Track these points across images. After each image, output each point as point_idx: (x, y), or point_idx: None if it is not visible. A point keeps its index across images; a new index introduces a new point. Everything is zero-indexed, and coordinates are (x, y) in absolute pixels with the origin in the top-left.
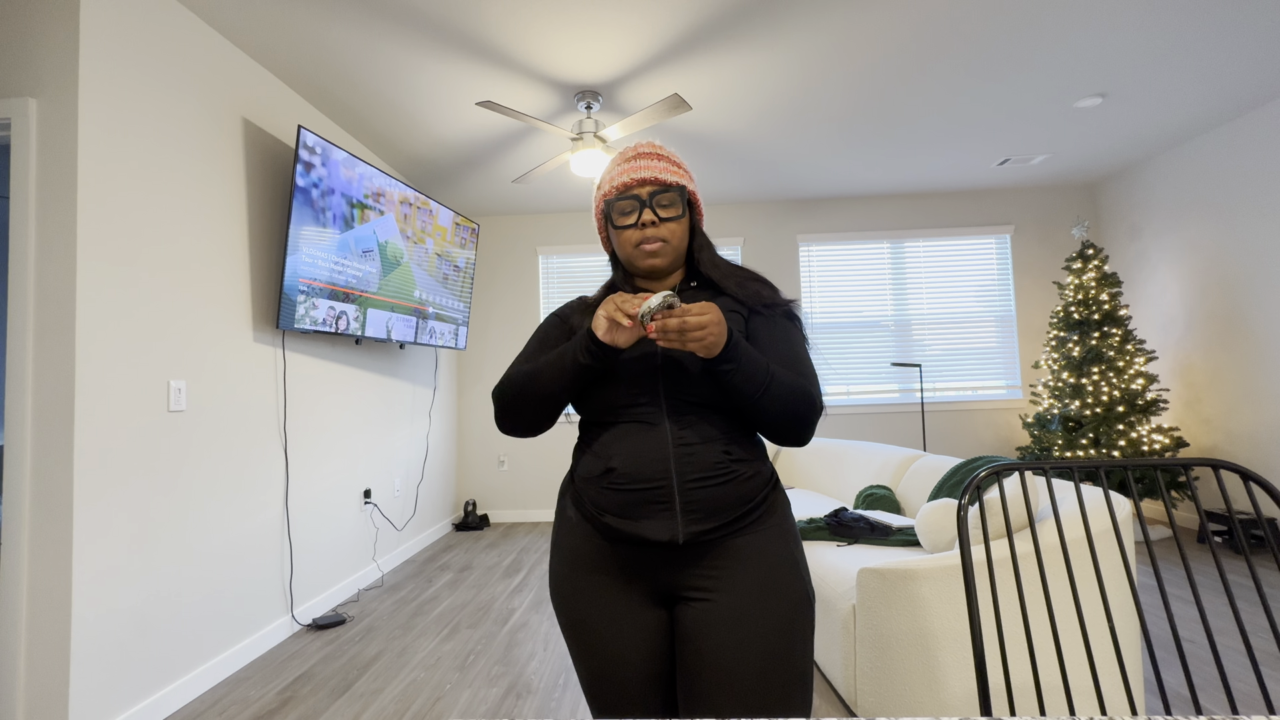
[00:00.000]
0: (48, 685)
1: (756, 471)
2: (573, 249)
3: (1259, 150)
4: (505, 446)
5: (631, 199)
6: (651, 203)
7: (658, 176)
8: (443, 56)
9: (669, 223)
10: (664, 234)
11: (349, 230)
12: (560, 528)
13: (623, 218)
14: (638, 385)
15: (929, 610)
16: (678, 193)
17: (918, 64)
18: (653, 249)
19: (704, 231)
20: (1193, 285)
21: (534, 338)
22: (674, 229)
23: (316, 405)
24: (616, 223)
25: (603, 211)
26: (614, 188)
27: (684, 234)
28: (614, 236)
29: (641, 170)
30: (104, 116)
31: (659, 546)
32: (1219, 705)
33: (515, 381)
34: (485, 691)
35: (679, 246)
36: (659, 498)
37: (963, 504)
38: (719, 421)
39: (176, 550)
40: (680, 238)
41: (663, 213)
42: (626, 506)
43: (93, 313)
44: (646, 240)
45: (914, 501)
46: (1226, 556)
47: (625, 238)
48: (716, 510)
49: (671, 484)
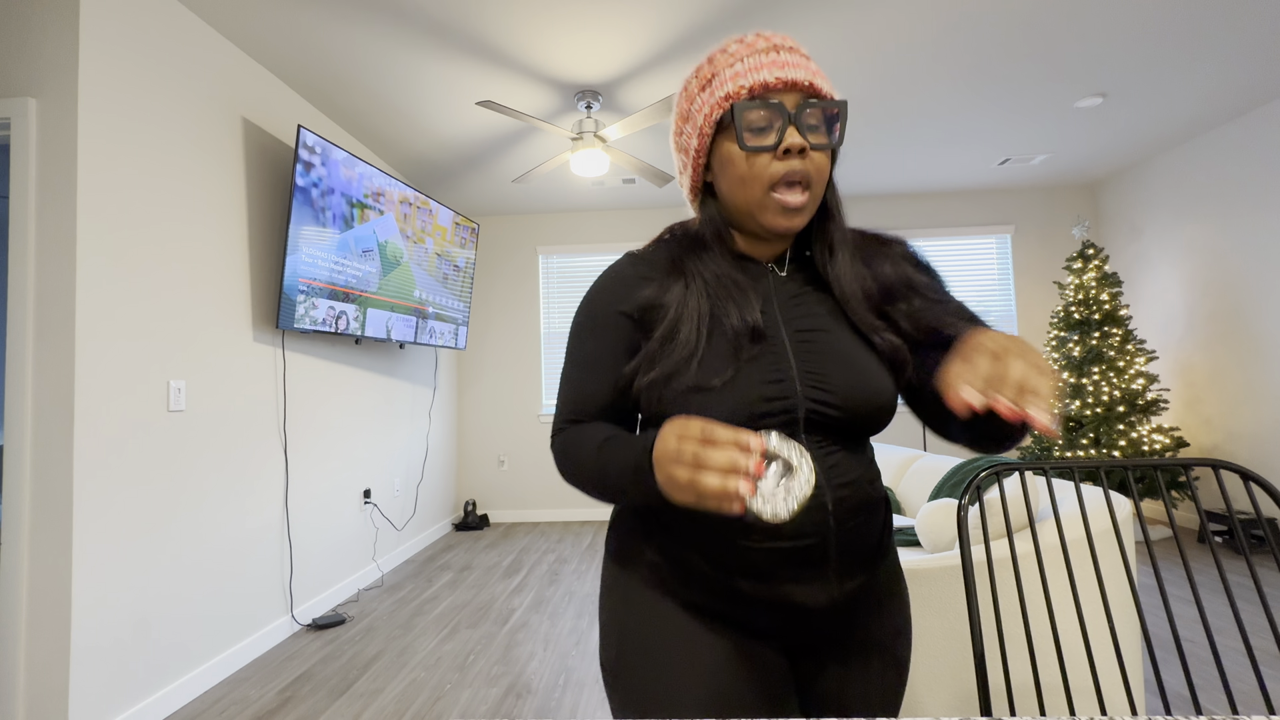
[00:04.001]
0: (48, 685)
1: (885, 493)
2: (573, 249)
3: (1259, 150)
4: (505, 446)
5: (773, 109)
6: (800, 119)
7: (814, 82)
8: (443, 56)
9: (819, 154)
10: (811, 171)
11: (349, 230)
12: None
13: (755, 135)
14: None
15: (929, 610)
16: (835, 112)
17: (918, 64)
18: (797, 203)
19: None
20: (1193, 285)
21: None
22: (823, 166)
23: (316, 405)
24: (747, 140)
25: (715, 120)
26: (747, 87)
27: (827, 177)
28: (728, 166)
29: (790, 68)
30: (104, 116)
31: (805, 611)
32: (1219, 705)
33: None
34: (485, 691)
35: (819, 197)
36: (812, 555)
37: (963, 504)
38: (863, 441)
39: (176, 550)
40: (824, 183)
41: (814, 137)
42: (766, 566)
43: (92, 312)
44: (790, 178)
45: (914, 501)
46: (1226, 556)
47: (756, 170)
48: (868, 555)
49: (830, 537)
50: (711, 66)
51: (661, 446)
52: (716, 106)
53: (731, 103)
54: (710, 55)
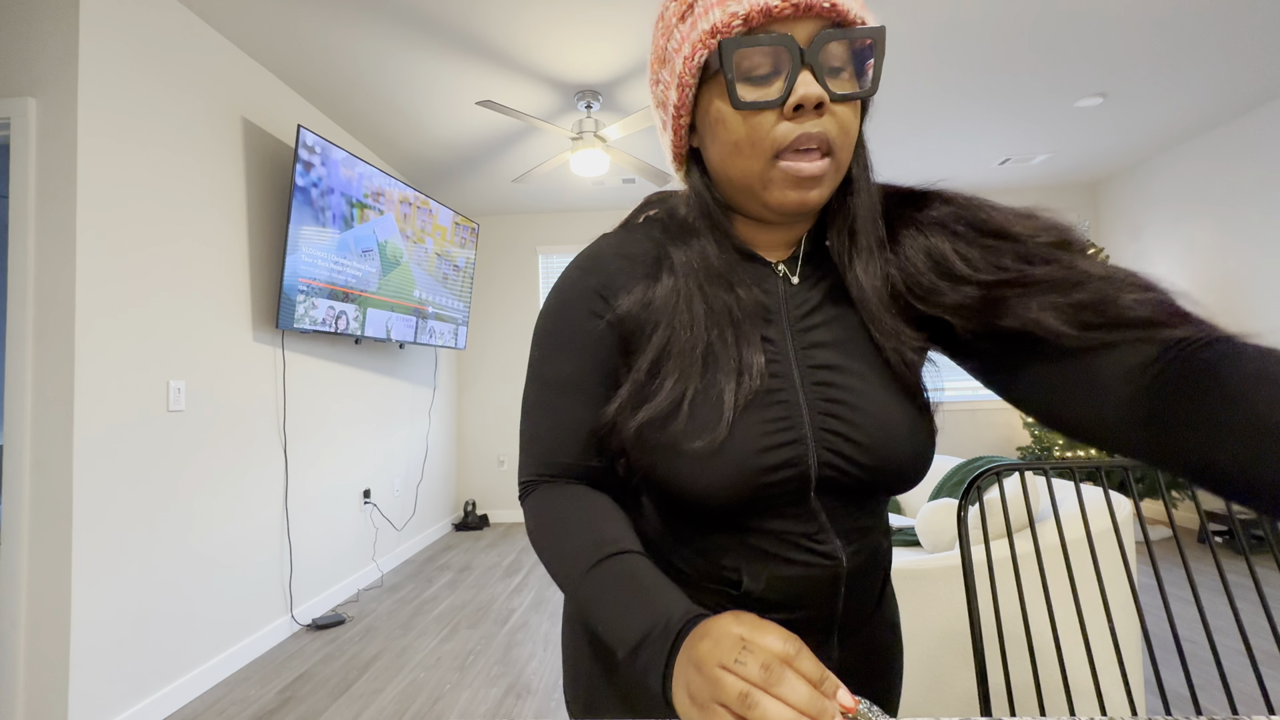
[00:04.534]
0: (48, 685)
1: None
2: (573, 249)
3: (1259, 150)
4: (505, 446)
5: (779, 45)
6: (818, 59)
7: (837, 2)
8: (443, 56)
9: (844, 106)
10: (833, 132)
11: (348, 230)
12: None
13: (753, 86)
14: (771, 478)
15: (929, 610)
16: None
17: (918, 65)
18: (815, 171)
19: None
20: (1193, 285)
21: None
22: (850, 124)
23: (316, 405)
24: (741, 95)
25: (698, 64)
26: (738, 14)
27: (855, 137)
28: (717, 126)
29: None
30: (103, 116)
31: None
32: (1219, 705)
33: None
34: (485, 692)
35: (846, 163)
36: (815, 625)
37: (963, 504)
38: (880, 498)
39: (176, 550)
40: (851, 146)
41: (836, 85)
42: None
43: (92, 312)
44: (805, 143)
45: (914, 501)
46: (1226, 556)
47: (754, 134)
48: (869, 610)
49: (836, 611)
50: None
51: (709, 648)
52: (699, 45)
53: (720, 39)
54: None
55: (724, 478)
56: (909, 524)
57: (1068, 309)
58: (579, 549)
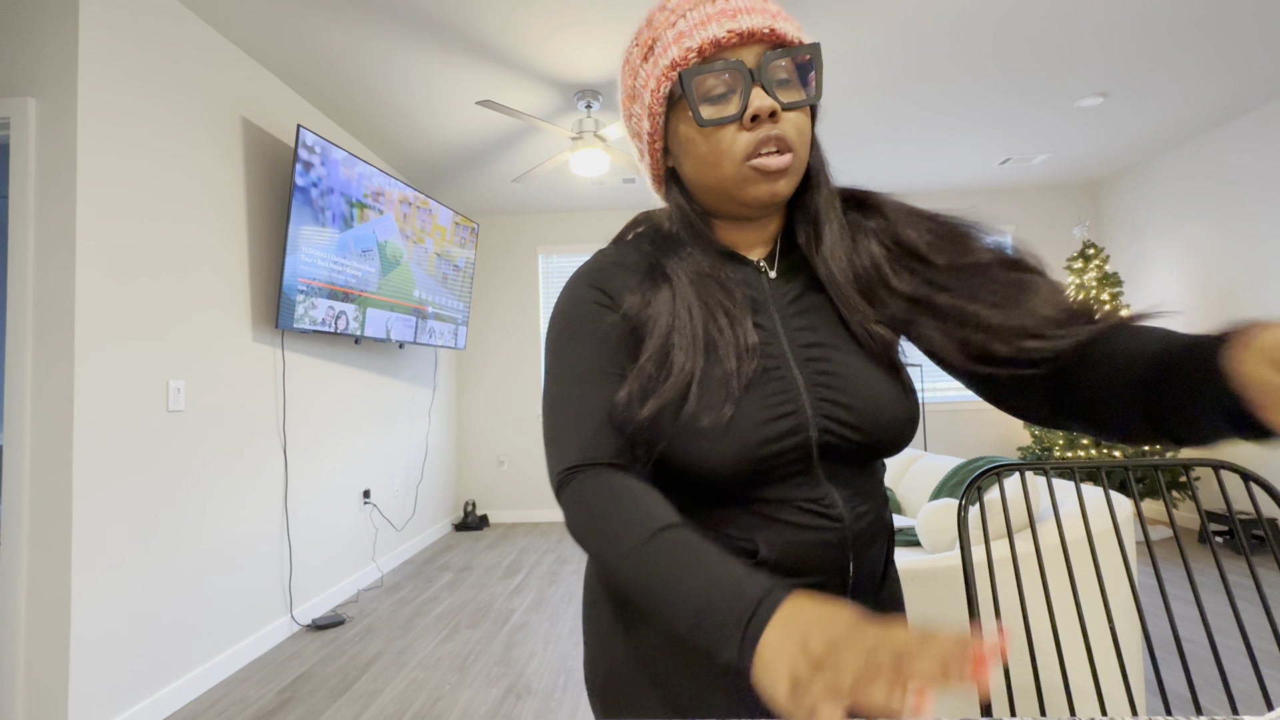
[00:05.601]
0: (48, 685)
1: (890, 514)
2: (573, 249)
3: (1259, 150)
4: (505, 446)
5: (731, 69)
6: (766, 76)
7: (775, 27)
8: (443, 56)
9: (795, 113)
10: (790, 134)
11: (348, 230)
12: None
13: (713, 106)
14: (776, 449)
15: (929, 610)
16: (807, 59)
17: (918, 65)
18: (780, 165)
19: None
20: (1194, 285)
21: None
22: (802, 126)
23: (316, 405)
24: (704, 114)
25: (663, 95)
26: (693, 49)
27: (810, 137)
28: (689, 145)
29: (745, 15)
30: (103, 116)
31: None
32: (1219, 705)
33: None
34: (485, 692)
35: (805, 158)
36: (827, 592)
37: (963, 504)
38: (877, 464)
39: (176, 550)
40: (807, 144)
41: (785, 94)
42: None
43: (92, 312)
44: (765, 147)
45: (915, 502)
46: (1227, 556)
47: (720, 146)
48: (873, 578)
49: (848, 576)
50: (651, 30)
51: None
52: (662, 79)
53: (679, 71)
54: (649, 15)
55: (734, 451)
56: (909, 524)
57: (958, 342)
58: (631, 525)
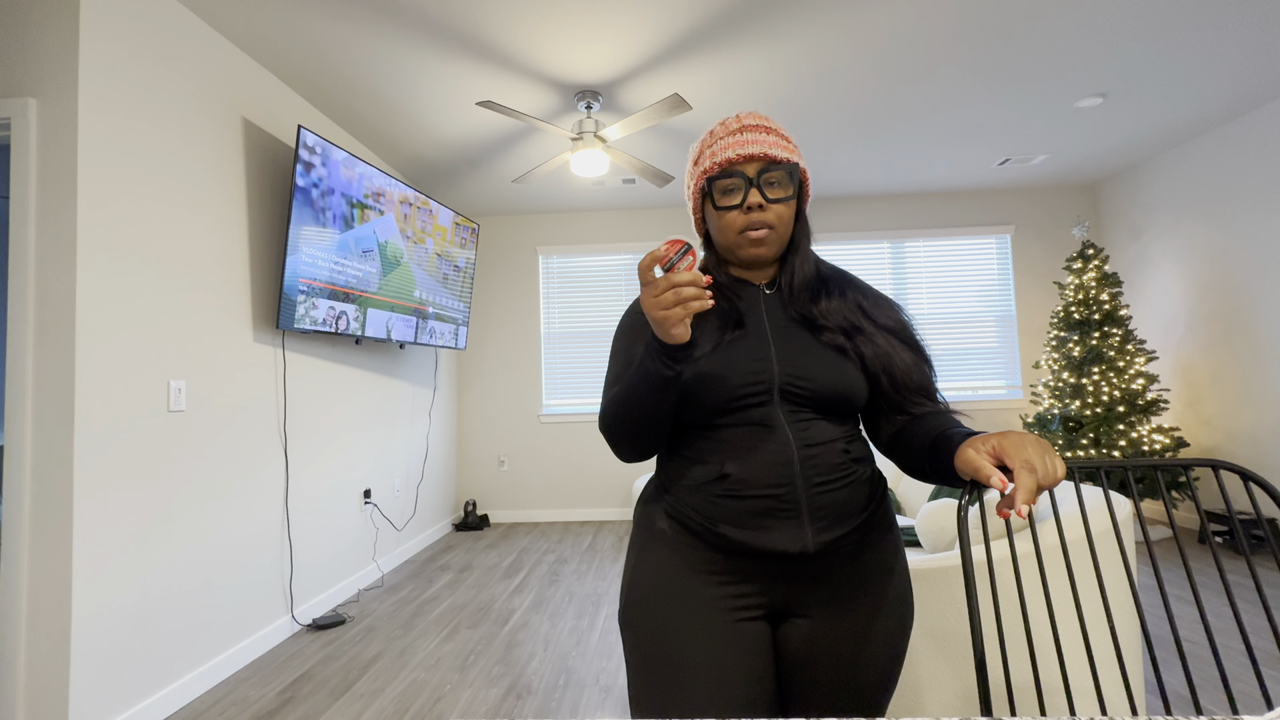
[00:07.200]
0: (48, 685)
1: (871, 471)
2: (573, 249)
3: (1259, 150)
4: (505, 446)
5: (737, 177)
6: (759, 182)
7: (767, 153)
8: (443, 56)
9: (777, 205)
10: (771, 219)
11: (349, 230)
12: (647, 541)
13: (726, 197)
14: (749, 385)
15: (929, 610)
16: (788, 171)
17: (917, 64)
18: (759, 236)
19: (807, 217)
20: (1193, 285)
21: (618, 356)
22: (782, 213)
23: (316, 405)
24: (719, 203)
25: (701, 189)
26: (716, 164)
27: (791, 219)
28: (712, 218)
29: (749, 145)
30: (104, 116)
31: (783, 559)
32: (1219, 705)
33: (609, 411)
34: (485, 692)
35: (785, 234)
36: (783, 505)
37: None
38: (835, 419)
39: (176, 550)
40: (787, 223)
41: (771, 193)
42: (746, 516)
43: (93, 312)
44: (753, 226)
45: (914, 501)
46: (1227, 556)
47: (727, 221)
48: (843, 516)
49: (797, 489)
50: (699, 146)
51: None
52: (700, 179)
53: (707, 177)
54: (703, 136)
55: (718, 390)
56: (909, 524)
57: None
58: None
